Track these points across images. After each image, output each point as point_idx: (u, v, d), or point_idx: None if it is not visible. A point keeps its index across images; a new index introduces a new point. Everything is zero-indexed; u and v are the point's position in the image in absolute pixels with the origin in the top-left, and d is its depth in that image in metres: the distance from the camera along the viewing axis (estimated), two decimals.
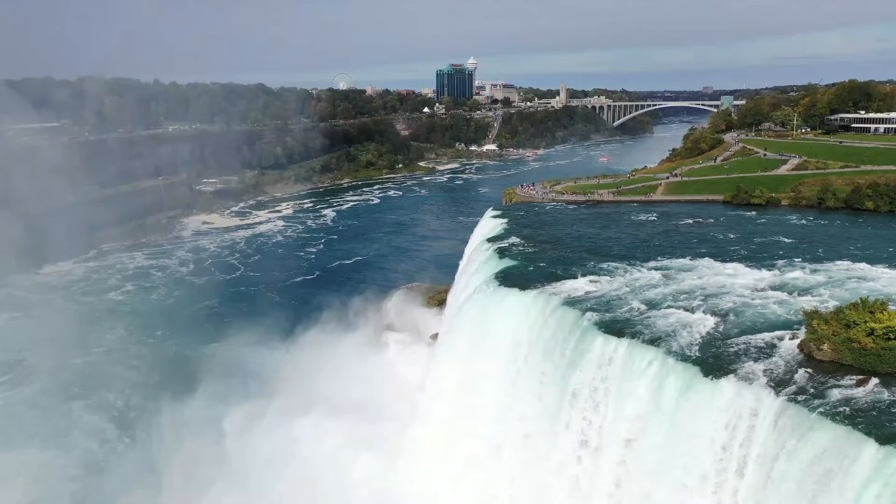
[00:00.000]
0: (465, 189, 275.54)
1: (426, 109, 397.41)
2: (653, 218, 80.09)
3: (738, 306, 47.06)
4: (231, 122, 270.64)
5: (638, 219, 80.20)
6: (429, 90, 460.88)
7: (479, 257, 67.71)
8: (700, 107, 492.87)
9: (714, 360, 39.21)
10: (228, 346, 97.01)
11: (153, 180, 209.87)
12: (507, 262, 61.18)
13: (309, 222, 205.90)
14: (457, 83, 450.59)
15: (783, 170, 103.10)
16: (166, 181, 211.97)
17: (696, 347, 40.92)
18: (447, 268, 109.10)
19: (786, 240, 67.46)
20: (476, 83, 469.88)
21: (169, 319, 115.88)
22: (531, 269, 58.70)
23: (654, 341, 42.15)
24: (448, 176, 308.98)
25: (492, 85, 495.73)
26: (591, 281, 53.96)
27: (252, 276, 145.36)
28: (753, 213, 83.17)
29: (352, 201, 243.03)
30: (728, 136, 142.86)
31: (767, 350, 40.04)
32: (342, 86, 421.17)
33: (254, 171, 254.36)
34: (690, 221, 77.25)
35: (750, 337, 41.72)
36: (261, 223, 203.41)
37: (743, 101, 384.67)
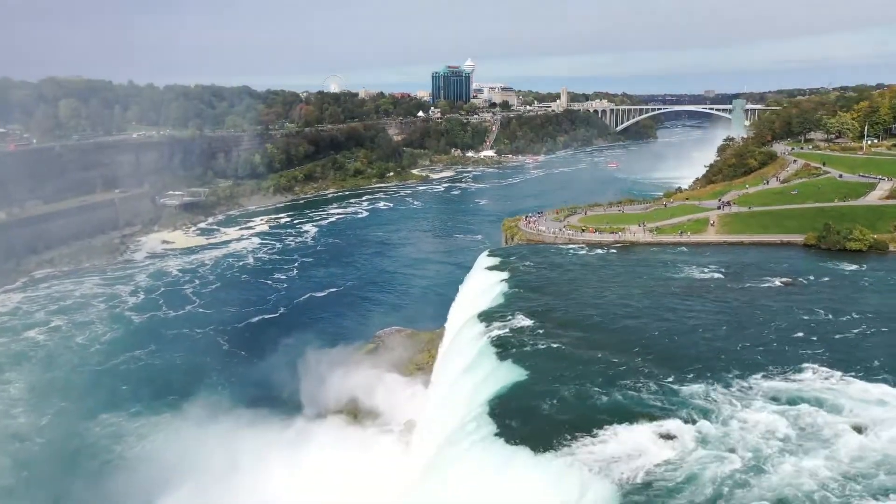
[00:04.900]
0: (461, 200, 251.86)
1: (421, 113, 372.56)
2: (718, 276, 55.58)
3: None
4: (206, 126, 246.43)
5: (696, 277, 55.70)
6: (424, 93, 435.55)
7: (468, 346, 43.70)
8: (707, 111, 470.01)
9: None
10: (129, 420, 77.48)
11: (108, 193, 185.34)
12: (509, 373, 36.98)
13: (285, 240, 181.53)
14: (453, 86, 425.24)
15: (872, 197, 78.17)
16: (124, 194, 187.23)
17: None
18: (437, 304, 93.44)
19: None
20: (474, 86, 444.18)
21: (82, 374, 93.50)
22: (550, 392, 34.60)
23: None
24: (445, 185, 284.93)
25: (490, 88, 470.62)
26: (659, 434, 29.84)
27: (203, 314, 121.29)
28: (859, 266, 58.62)
29: (336, 214, 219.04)
30: (779, 149, 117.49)
31: None
32: (333, 88, 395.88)
33: (228, 182, 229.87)
34: (778, 284, 52.63)
35: None
36: (229, 242, 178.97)
37: (759, 106, 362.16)
